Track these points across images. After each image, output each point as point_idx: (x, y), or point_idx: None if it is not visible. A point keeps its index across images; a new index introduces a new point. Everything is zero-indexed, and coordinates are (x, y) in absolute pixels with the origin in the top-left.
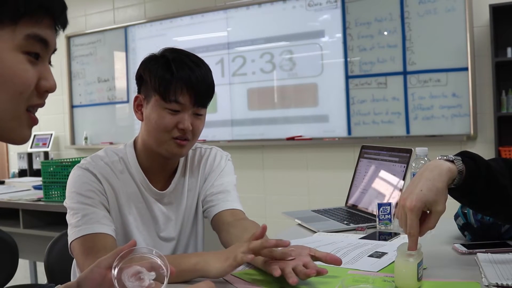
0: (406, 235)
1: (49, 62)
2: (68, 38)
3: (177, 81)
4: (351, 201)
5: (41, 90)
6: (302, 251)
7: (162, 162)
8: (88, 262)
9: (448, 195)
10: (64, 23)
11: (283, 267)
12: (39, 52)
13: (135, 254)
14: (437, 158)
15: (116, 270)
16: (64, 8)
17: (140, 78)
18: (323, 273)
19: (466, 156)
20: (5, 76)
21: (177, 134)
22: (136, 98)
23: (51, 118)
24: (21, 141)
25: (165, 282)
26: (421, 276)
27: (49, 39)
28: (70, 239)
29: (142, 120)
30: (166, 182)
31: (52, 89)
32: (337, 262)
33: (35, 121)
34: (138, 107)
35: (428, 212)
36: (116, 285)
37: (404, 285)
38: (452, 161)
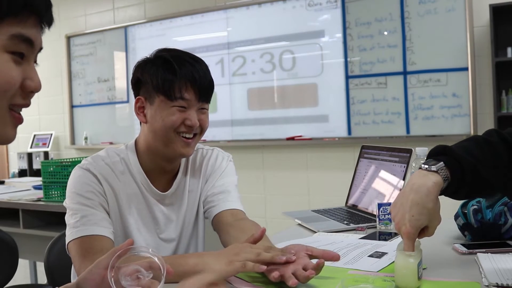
0: None
1: (35, 61)
2: (68, 38)
3: (180, 78)
4: (351, 201)
5: (26, 90)
6: (299, 251)
7: (164, 164)
8: (84, 264)
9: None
10: (49, 21)
11: (283, 272)
12: (24, 52)
13: (132, 253)
14: (421, 166)
15: (113, 269)
16: (49, 5)
17: (138, 81)
18: (321, 265)
19: (450, 156)
20: None
21: (184, 129)
22: (137, 100)
23: (51, 118)
24: (5, 141)
25: (162, 281)
26: (421, 275)
27: (34, 38)
28: (67, 239)
29: (145, 122)
30: (168, 183)
31: (37, 89)
32: (334, 258)
33: (19, 120)
34: (139, 110)
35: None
36: (113, 284)
37: (405, 284)
38: (436, 171)
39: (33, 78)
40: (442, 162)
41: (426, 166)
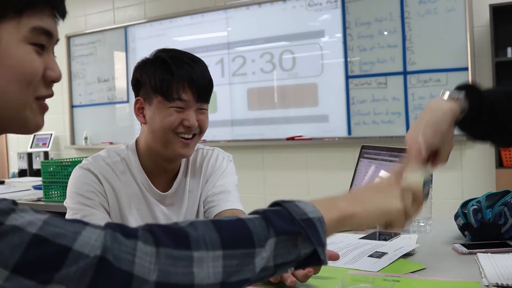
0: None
1: (53, 53)
2: (68, 38)
3: (178, 79)
4: None
5: (48, 80)
6: None
7: (164, 164)
8: None
9: None
10: (63, 13)
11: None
12: (44, 43)
13: None
14: (441, 94)
15: None
16: None
17: (137, 82)
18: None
19: (472, 92)
20: (14, 67)
21: (182, 130)
22: (136, 101)
23: (51, 118)
24: (35, 129)
25: None
26: (428, 193)
27: (52, 30)
28: None
29: (145, 123)
30: (168, 184)
31: (58, 78)
32: (333, 257)
33: (45, 108)
34: (139, 110)
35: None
36: None
37: None
38: (454, 100)
39: (53, 68)
40: (463, 93)
41: (446, 95)
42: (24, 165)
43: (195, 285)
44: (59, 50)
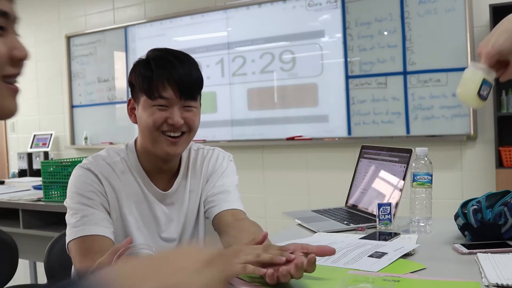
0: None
1: (15, 33)
2: (68, 38)
3: (157, 77)
4: (351, 201)
5: (15, 60)
6: (296, 250)
7: (160, 163)
8: (84, 264)
9: None
10: None
11: (278, 275)
12: (3, 25)
13: (132, 251)
14: None
15: None
16: None
17: (130, 83)
18: (312, 260)
19: None
20: None
21: (166, 128)
22: (128, 101)
23: (51, 118)
24: (9, 114)
25: None
26: (486, 96)
27: (7, 10)
28: (68, 239)
29: (136, 122)
30: (169, 183)
31: (25, 56)
32: (329, 252)
33: (16, 90)
34: (131, 111)
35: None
36: None
37: (464, 92)
38: None
39: (19, 47)
40: None
41: None
42: (24, 165)
43: None
44: (59, 50)
